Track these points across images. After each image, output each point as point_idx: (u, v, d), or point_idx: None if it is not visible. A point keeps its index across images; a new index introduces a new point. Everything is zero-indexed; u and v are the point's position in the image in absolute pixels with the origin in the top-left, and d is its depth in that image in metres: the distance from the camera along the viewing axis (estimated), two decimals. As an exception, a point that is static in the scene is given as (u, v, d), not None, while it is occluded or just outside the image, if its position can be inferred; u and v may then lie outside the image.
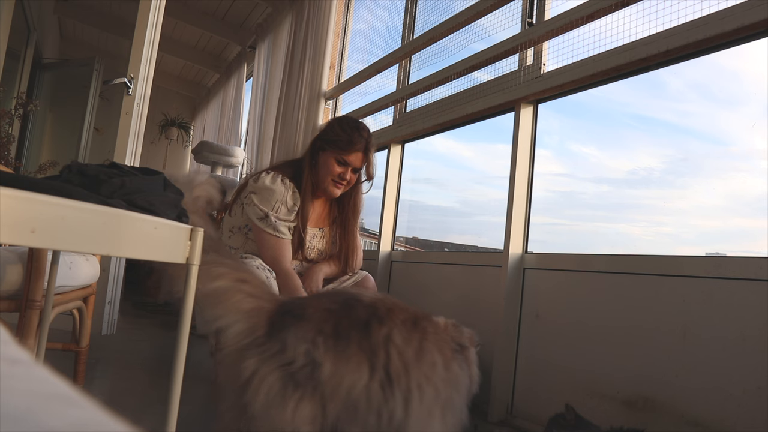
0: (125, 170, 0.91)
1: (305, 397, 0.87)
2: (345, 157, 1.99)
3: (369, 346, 0.92)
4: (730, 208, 1.71)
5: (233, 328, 0.94)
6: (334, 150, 2.00)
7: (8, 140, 3.48)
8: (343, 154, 1.99)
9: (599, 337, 1.64)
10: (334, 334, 0.92)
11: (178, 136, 7.27)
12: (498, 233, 2.12)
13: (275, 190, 1.95)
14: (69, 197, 0.61)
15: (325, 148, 2.02)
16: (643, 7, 1.65)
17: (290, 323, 0.93)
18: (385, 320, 0.96)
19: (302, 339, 0.91)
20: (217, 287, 0.95)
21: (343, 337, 0.92)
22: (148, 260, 0.79)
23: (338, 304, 0.99)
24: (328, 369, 0.88)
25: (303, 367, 0.89)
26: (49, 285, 1.29)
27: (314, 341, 0.90)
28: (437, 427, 0.96)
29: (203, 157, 4.82)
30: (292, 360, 0.89)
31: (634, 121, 2.06)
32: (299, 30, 3.98)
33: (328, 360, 0.89)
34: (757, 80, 1.51)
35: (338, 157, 2.00)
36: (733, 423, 1.28)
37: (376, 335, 0.94)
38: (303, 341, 0.91)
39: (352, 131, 2.00)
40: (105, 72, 5.16)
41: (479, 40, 2.39)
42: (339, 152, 1.99)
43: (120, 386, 1.97)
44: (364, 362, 0.91)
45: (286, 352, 0.90)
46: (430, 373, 0.96)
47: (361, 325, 0.95)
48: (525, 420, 1.82)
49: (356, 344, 0.92)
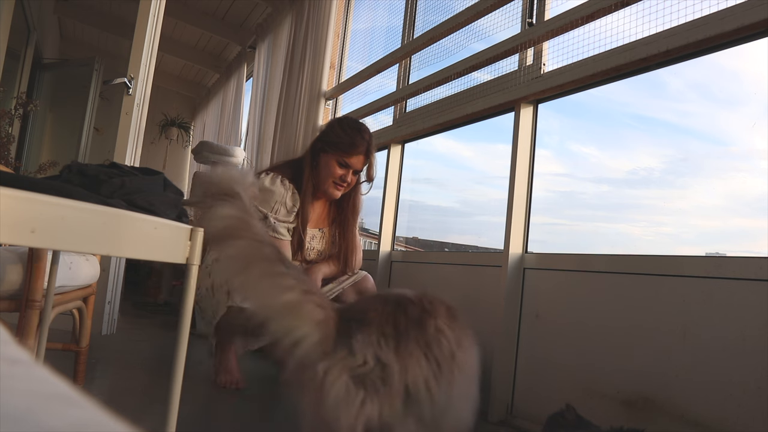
0: (125, 170, 0.91)
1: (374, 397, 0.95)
2: (346, 160, 1.99)
3: (425, 340, 1.00)
4: (730, 208, 1.71)
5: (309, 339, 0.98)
6: (336, 152, 1.99)
7: (8, 140, 3.48)
8: (345, 156, 1.99)
9: (599, 337, 1.64)
10: (395, 333, 0.99)
11: (178, 136, 7.27)
12: (498, 233, 2.12)
13: (274, 192, 1.95)
14: (69, 197, 0.61)
15: (326, 149, 2.01)
16: (643, 7, 1.65)
17: (355, 329, 0.99)
18: (432, 314, 1.05)
19: (368, 343, 0.98)
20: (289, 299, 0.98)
21: (403, 335, 0.99)
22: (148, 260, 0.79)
23: (392, 305, 1.05)
24: (396, 367, 0.96)
25: (373, 368, 0.96)
26: (49, 285, 1.29)
27: (379, 343, 0.98)
28: (470, 407, 1.06)
29: (203, 157, 4.81)
30: (362, 363, 0.96)
31: (634, 121, 2.06)
32: (299, 30, 3.98)
33: (394, 359, 0.96)
34: (757, 80, 1.51)
35: (340, 159, 1.99)
36: (733, 423, 1.28)
37: (430, 329, 1.02)
38: (369, 345, 0.97)
39: (353, 133, 1.99)
40: (105, 72, 5.16)
41: (479, 40, 2.39)
42: (340, 154, 1.99)
43: (120, 386, 1.97)
44: (421, 356, 0.99)
45: (356, 357, 0.96)
46: (466, 358, 1.05)
47: (416, 321, 1.02)
48: (525, 420, 1.82)
49: (414, 340, 0.99)
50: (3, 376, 0.22)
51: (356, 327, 1.00)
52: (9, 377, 0.22)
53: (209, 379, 2.02)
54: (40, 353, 1.39)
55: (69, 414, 0.20)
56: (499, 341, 1.91)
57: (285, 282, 0.98)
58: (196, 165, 5.41)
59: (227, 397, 1.84)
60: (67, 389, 0.23)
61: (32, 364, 0.25)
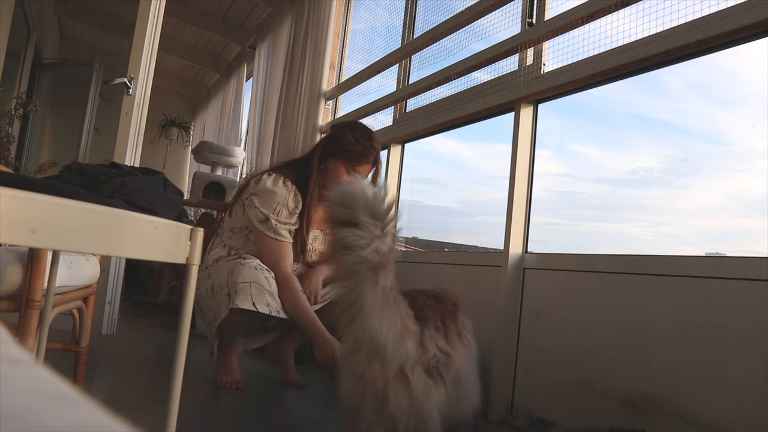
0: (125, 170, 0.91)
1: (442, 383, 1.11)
2: (356, 167, 2.00)
3: (457, 328, 1.23)
4: (730, 208, 1.71)
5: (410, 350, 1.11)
6: (346, 158, 2.00)
7: (8, 140, 3.48)
8: (355, 164, 2.00)
9: (599, 337, 1.64)
10: (444, 326, 1.19)
11: (178, 136, 7.27)
12: (498, 233, 2.12)
13: (277, 193, 1.95)
14: (69, 197, 0.61)
15: (336, 155, 2.01)
16: (643, 7, 1.65)
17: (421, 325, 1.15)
18: (459, 307, 1.29)
19: (432, 337, 1.14)
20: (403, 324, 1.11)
21: (448, 327, 1.19)
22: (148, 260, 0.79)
23: (434, 299, 1.25)
24: (454, 355, 1.15)
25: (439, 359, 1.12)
26: (49, 285, 1.29)
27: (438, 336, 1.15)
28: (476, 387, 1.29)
29: (203, 157, 4.82)
30: (432, 356, 1.12)
31: (634, 121, 2.06)
32: (299, 30, 3.98)
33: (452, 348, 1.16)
34: (757, 80, 1.51)
35: (349, 166, 2.00)
36: (733, 423, 1.28)
37: (461, 319, 1.26)
38: (433, 339, 1.14)
39: (366, 143, 2.01)
40: (105, 72, 5.16)
41: (479, 40, 2.39)
42: (350, 162, 2.00)
43: (120, 386, 1.97)
44: (460, 342, 1.20)
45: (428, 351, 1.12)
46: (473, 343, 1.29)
47: (451, 313, 1.25)
48: (525, 420, 1.82)
49: (454, 330, 1.21)
50: (3, 376, 0.22)
51: (423, 324, 1.14)
52: (9, 377, 0.22)
53: (209, 379, 2.02)
54: (40, 353, 1.39)
55: (69, 414, 0.20)
56: (499, 341, 1.91)
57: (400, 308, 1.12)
58: (196, 165, 5.42)
59: (227, 397, 1.84)
60: (67, 389, 0.23)
61: (32, 364, 0.25)
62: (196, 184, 4.46)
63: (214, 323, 1.92)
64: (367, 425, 1.10)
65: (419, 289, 1.31)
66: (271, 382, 2.18)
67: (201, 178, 4.49)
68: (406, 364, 1.08)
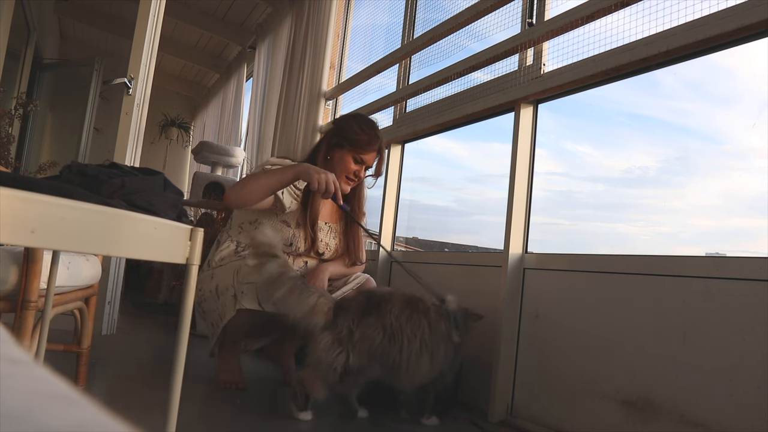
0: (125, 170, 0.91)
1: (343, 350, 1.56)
2: (362, 156, 2.05)
3: (380, 318, 1.59)
4: (727, 207, 1.71)
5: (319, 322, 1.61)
6: (353, 148, 2.04)
7: (8, 140, 3.48)
8: (361, 152, 2.05)
9: (599, 337, 1.64)
10: (362, 314, 1.60)
11: (178, 136, 7.27)
12: (495, 233, 2.13)
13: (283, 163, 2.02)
14: (69, 197, 0.61)
15: (342, 144, 2.05)
16: (643, 7, 1.65)
17: (342, 314, 1.60)
18: (390, 302, 1.63)
19: (346, 320, 1.59)
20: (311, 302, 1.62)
21: (368, 315, 1.60)
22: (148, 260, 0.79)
23: (365, 297, 1.68)
24: (358, 333, 1.57)
25: (346, 334, 1.57)
26: (49, 285, 1.29)
27: (352, 320, 1.59)
28: (424, 365, 1.62)
29: (203, 157, 4.82)
30: (340, 331, 1.57)
31: (629, 119, 2.07)
32: (299, 30, 3.98)
33: (358, 329, 1.57)
34: (753, 78, 1.52)
35: (356, 155, 2.04)
36: (733, 423, 1.28)
37: (385, 311, 1.61)
38: (346, 321, 1.58)
39: (370, 131, 2.06)
40: (105, 72, 5.16)
41: (479, 40, 2.39)
42: (357, 151, 2.04)
43: (120, 386, 1.97)
44: (379, 328, 1.58)
45: (338, 328, 1.58)
46: (417, 330, 1.61)
47: (376, 306, 1.62)
48: (525, 420, 1.82)
49: (374, 318, 1.59)
50: (3, 376, 0.22)
51: (342, 312, 1.60)
52: (9, 377, 0.22)
53: (209, 379, 2.02)
54: (40, 354, 1.38)
55: (69, 414, 0.20)
56: (499, 341, 1.91)
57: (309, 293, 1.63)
58: (196, 165, 5.42)
59: (227, 397, 1.84)
60: (67, 389, 0.23)
61: (32, 364, 0.25)
62: (196, 184, 4.46)
63: (219, 324, 1.92)
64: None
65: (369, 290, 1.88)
66: (271, 382, 2.18)
67: (201, 178, 4.49)
68: (315, 330, 1.59)
